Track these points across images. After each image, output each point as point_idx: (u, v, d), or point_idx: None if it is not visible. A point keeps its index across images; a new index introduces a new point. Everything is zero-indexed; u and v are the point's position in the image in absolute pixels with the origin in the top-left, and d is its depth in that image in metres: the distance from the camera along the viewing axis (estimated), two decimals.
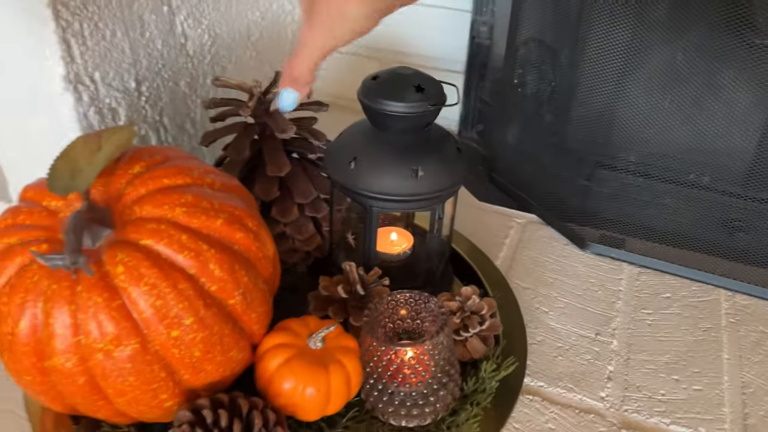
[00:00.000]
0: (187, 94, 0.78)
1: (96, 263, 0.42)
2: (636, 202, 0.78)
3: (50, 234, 0.44)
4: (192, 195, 0.45)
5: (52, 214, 0.45)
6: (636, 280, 0.72)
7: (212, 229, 0.45)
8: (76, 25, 0.60)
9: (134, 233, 0.43)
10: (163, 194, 0.44)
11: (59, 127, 0.64)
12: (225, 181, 0.49)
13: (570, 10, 0.73)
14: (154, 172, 0.46)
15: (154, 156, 0.48)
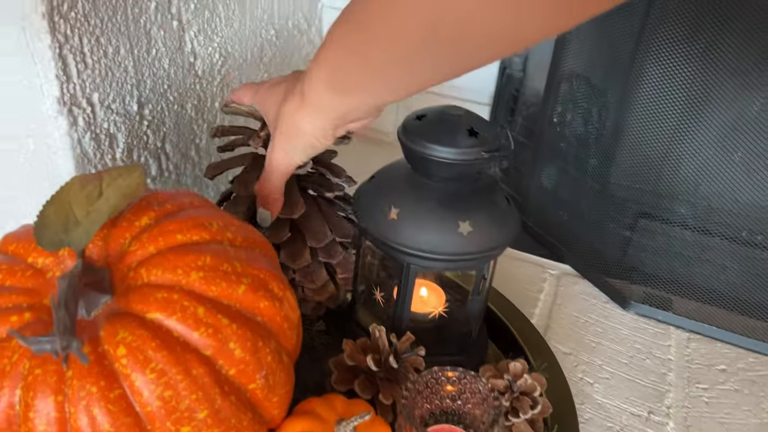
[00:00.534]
0: (193, 118, 0.70)
1: (91, 341, 0.33)
2: (683, 258, 0.71)
3: (35, 299, 0.36)
4: (211, 255, 0.37)
5: (38, 274, 0.37)
6: (686, 347, 0.65)
7: (234, 299, 0.37)
8: (75, 40, 0.52)
9: (140, 303, 0.35)
10: (177, 254, 0.36)
11: (49, 153, 0.56)
12: (247, 235, 0.41)
13: (622, 47, 0.66)
14: (165, 225, 0.38)
15: (165, 204, 0.40)
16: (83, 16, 0.53)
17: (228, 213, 0.43)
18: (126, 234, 0.37)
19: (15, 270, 0.36)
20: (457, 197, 0.49)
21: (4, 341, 0.34)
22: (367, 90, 0.38)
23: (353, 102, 0.40)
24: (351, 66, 0.36)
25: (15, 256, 0.37)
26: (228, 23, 0.72)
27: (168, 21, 0.62)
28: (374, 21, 0.32)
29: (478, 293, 0.54)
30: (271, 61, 0.83)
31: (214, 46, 0.71)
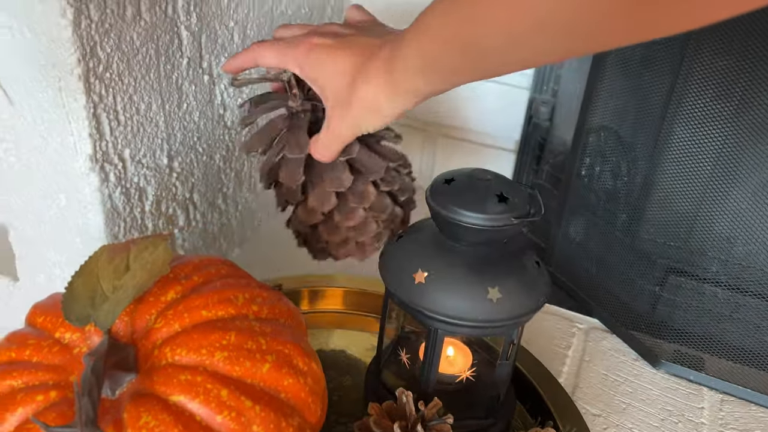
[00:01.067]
0: (221, 168, 0.71)
1: (115, 424, 0.33)
2: (714, 316, 0.69)
3: (62, 377, 0.36)
4: (236, 333, 0.37)
5: (65, 350, 0.37)
6: (720, 410, 0.63)
7: (257, 378, 0.36)
8: (109, 99, 0.53)
9: (163, 385, 0.34)
10: (201, 333, 0.36)
11: (79, 208, 0.57)
12: (273, 306, 0.41)
13: (652, 102, 0.66)
14: (191, 301, 0.38)
15: (192, 276, 0.40)
16: (117, 76, 0.54)
17: (254, 281, 0.43)
18: (152, 310, 0.37)
19: (42, 345, 0.37)
20: (486, 262, 0.48)
21: (29, 423, 0.34)
22: (465, 77, 0.38)
23: (445, 87, 0.40)
24: (452, 57, 0.36)
25: (43, 329, 0.38)
26: (257, 72, 0.72)
27: (199, 76, 0.63)
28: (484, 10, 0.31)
29: (507, 358, 0.53)
30: None
31: (244, 97, 0.71)
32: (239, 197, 0.76)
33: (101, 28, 0.51)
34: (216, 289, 0.39)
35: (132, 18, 0.53)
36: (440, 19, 0.35)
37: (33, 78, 0.52)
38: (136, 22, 0.54)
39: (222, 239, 0.75)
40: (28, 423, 0.34)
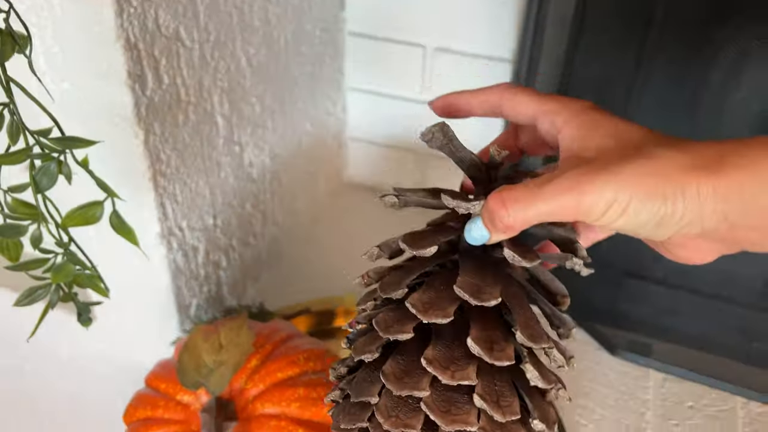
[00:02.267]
0: (251, 213, 0.86)
1: None
2: (661, 310, 0.86)
3: (186, 427, 0.52)
4: (303, 388, 0.53)
5: (185, 408, 0.53)
6: (662, 388, 0.81)
7: (321, 416, 0.52)
8: (170, 189, 0.67)
9: (258, 429, 0.50)
10: (280, 390, 0.52)
11: (150, 269, 0.72)
12: (321, 358, 0.57)
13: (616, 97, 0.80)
14: (268, 366, 0.53)
15: (265, 345, 0.55)
16: (175, 169, 0.67)
17: (306, 339, 0.58)
18: (242, 375, 0.53)
19: (169, 405, 0.52)
20: None
21: None
22: None
23: None
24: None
25: (166, 393, 0.53)
26: (274, 131, 0.86)
27: (232, 148, 0.77)
28: None
29: None
30: (308, 146, 0.97)
31: (265, 153, 0.85)
32: (266, 232, 0.91)
33: (162, 138, 0.64)
34: (283, 354, 0.55)
35: (183, 122, 0.67)
36: None
37: (112, 178, 0.65)
38: (186, 125, 0.67)
39: (254, 268, 0.90)
40: None
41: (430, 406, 0.33)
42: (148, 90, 0.61)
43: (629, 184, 0.29)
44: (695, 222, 0.29)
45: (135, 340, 0.81)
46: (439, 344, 0.34)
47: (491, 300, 0.34)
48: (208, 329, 0.54)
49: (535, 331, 0.35)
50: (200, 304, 0.79)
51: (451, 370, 0.33)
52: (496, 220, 0.32)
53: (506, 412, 0.33)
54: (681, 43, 0.69)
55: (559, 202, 0.30)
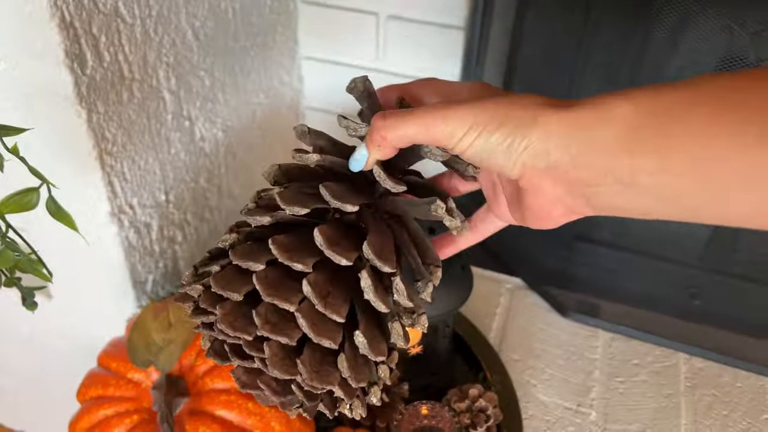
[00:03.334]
0: (206, 188, 0.86)
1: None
2: (608, 271, 0.89)
3: (137, 404, 0.53)
4: None
5: (136, 385, 0.54)
6: (609, 347, 0.84)
7: None
8: (118, 167, 0.67)
9: (210, 405, 0.52)
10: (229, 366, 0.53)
11: (102, 248, 0.72)
12: None
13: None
14: None
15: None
16: (122, 147, 0.67)
17: None
18: (192, 352, 0.54)
19: (120, 384, 0.53)
20: None
21: None
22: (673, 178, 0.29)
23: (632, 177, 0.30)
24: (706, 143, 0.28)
25: (117, 372, 0.54)
26: (226, 104, 0.86)
27: (181, 123, 0.77)
28: None
29: (444, 336, 0.71)
30: (263, 118, 0.97)
31: (217, 126, 0.85)
32: (222, 205, 0.91)
33: (107, 116, 0.64)
34: None
35: (128, 99, 0.66)
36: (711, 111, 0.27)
37: (56, 158, 0.65)
38: (131, 102, 0.67)
39: (212, 242, 0.91)
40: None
41: (260, 278, 0.35)
42: (88, 69, 0.60)
43: (488, 111, 0.32)
44: (541, 154, 0.31)
45: (93, 318, 0.82)
46: (292, 235, 0.36)
47: (348, 205, 0.36)
48: (158, 307, 0.55)
49: (383, 253, 0.36)
50: (156, 279, 0.79)
51: (290, 252, 0.35)
52: (374, 132, 0.35)
53: (328, 307, 0.34)
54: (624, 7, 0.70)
55: (427, 121, 0.33)
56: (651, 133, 0.29)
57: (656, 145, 0.29)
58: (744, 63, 0.66)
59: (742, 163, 0.27)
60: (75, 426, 0.53)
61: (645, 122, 0.29)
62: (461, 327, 0.82)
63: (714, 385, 0.79)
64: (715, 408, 0.77)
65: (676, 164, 0.28)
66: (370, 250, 0.35)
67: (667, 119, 0.28)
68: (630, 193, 0.30)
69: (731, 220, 0.30)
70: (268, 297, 0.34)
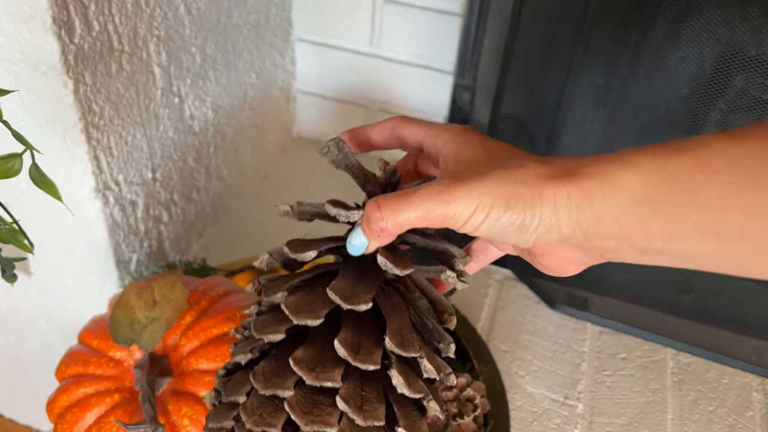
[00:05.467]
0: (194, 167, 0.84)
1: (164, 413, 0.49)
2: (599, 265, 0.88)
3: (119, 383, 0.51)
4: None
5: (118, 364, 0.52)
6: (597, 340, 0.84)
7: None
8: (105, 141, 0.65)
9: (193, 385, 0.50)
10: (214, 346, 0.52)
11: (86, 223, 0.70)
12: None
13: (549, 93, 0.80)
14: (203, 322, 0.53)
15: (200, 301, 0.55)
16: (109, 121, 0.65)
17: (244, 294, 0.58)
18: (177, 331, 0.53)
19: (101, 362, 0.52)
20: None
21: (104, 416, 0.50)
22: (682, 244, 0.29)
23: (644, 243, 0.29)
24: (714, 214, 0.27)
25: (99, 350, 0.53)
26: (217, 83, 0.84)
27: (171, 99, 0.75)
28: None
29: None
30: (253, 99, 0.95)
31: (207, 105, 0.83)
32: (210, 187, 0.89)
33: (94, 88, 0.62)
34: (219, 310, 0.54)
35: (117, 72, 0.64)
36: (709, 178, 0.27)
37: (41, 129, 0.63)
38: (119, 74, 0.65)
39: (198, 223, 0.89)
40: (103, 418, 0.49)
41: (293, 406, 0.33)
42: (77, 37, 0.58)
43: (491, 190, 0.30)
44: (553, 228, 0.30)
45: (74, 296, 0.80)
46: (310, 347, 0.35)
47: (362, 304, 0.34)
48: (142, 285, 0.53)
49: (405, 339, 0.35)
50: (141, 259, 0.77)
51: (316, 371, 0.33)
52: (372, 223, 0.33)
53: (367, 417, 0.33)
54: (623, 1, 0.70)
55: (427, 207, 0.31)
56: (660, 204, 0.28)
57: (667, 215, 0.28)
58: (744, 57, 0.65)
59: (755, 231, 0.27)
60: (53, 404, 0.52)
61: (653, 193, 0.28)
62: None
63: (700, 381, 0.79)
64: (701, 404, 0.77)
65: (688, 232, 0.28)
66: (393, 343, 0.34)
67: (676, 189, 0.28)
68: (648, 256, 0.30)
69: (753, 275, 0.30)
70: (308, 426, 0.33)
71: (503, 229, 0.31)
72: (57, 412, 0.51)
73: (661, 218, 0.28)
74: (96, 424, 0.49)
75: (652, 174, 0.28)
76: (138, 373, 0.49)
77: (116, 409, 0.49)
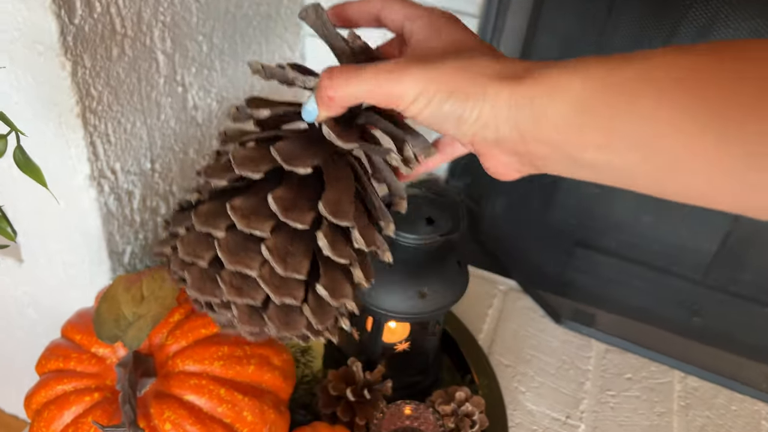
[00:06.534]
0: (194, 159, 0.81)
1: (145, 417, 0.47)
2: (608, 280, 0.85)
3: (100, 381, 0.49)
4: (227, 346, 0.50)
5: (100, 361, 0.49)
6: (603, 358, 0.81)
7: (245, 376, 0.50)
8: (102, 127, 0.63)
9: (178, 388, 0.48)
10: (202, 347, 0.49)
11: (79, 213, 0.67)
12: None
13: None
14: (192, 322, 0.50)
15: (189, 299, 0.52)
16: (108, 107, 0.63)
17: None
18: (163, 330, 0.50)
19: (83, 358, 0.49)
20: (418, 268, 0.62)
21: (82, 416, 0.47)
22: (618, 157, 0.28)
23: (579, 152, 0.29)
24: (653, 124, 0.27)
25: (81, 345, 0.50)
26: (223, 74, 0.81)
27: (174, 88, 0.72)
28: None
29: (433, 334, 0.68)
30: (260, 93, 0.92)
31: (212, 96, 0.80)
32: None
33: (93, 71, 0.59)
34: None
35: (118, 56, 0.62)
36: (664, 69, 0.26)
37: (36, 112, 0.61)
38: (121, 59, 0.62)
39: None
40: (81, 418, 0.47)
41: (221, 246, 0.36)
42: (77, 18, 0.56)
43: (438, 78, 0.31)
44: (491, 125, 0.30)
45: (64, 286, 0.77)
46: (250, 198, 0.37)
47: (300, 167, 0.36)
48: (131, 279, 0.51)
49: (340, 208, 0.36)
50: (135, 251, 0.75)
51: (249, 219, 0.36)
52: (321, 91, 0.34)
53: (288, 268, 0.36)
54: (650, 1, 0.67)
55: (376, 82, 0.32)
56: (598, 111, 0.28)
57: (603, 123, 0.28)
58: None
59: (682, 149, 0.27)
60: (30, 399, 0.49)
61: (592, 100, 0.28)
62: (450, 326, 0.78)
63: (708, 407, 0.76)
64: (708, 430, 0.74)
65: (620, 142, 0.28)
66: (326, 209, 0.36)
67: (614, 98, 0.28)
68: (577, 165, 0.30)
69: (667, 195, 0.30)
70: (231, 264, 0.36)
71: (444, 117, 0.31)
72: (34, 408, 0.49)
73: (597, 126, 0.28)
74: (73, 423, 0.46)
75: (595, 82, 0.28)
76: (120, 372, 0.46)
77: (95, 409, 0.47)
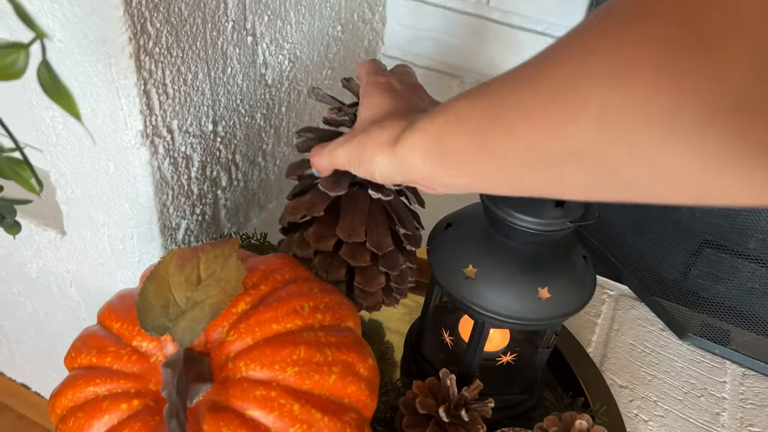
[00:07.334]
0: (262, 126, 0.70)
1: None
2: (745, 289, 0.70)
3: (141, 385, 0.38)
4: (305, 348, 0.38)
5: (143, 358, 0.38)
6: (741, 385, 0.66)
7: (325, 389, 0.38)
8: (158, 74, 0.52)
9: (240, 399, 0.36)
10: (273, 348, 0.38)
11: (129, 178, 0.57)
12: (334, 309, 0.43)
13: None
14: (261, 314, 0.39)
15: (259, 285, 0.41)
16: (166, 50, 0.52)
17: (315, 282, 0.44)
18: (224, 321, 0.39)
19: (121, 354, 0.38)
20: (537, 261, 0.49)
21: (117, 429, 0.36)
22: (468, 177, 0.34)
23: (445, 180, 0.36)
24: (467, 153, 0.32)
25: (120, 336, 0.39)
26: (298, 28, 0.70)
27: (243, 38, 0.61)
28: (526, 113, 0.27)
29: (548, 346, 0.55)
30: (335, 56, 0.81)
31: (284, 53, 0.69)
32: (278, 152, 0.76)
33: (151, 3, 0.49)
34: (283, 299, 0.40)
35: None
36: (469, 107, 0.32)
37: (83, 52, 0.51)
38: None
39: (261, 193, 0.76)
40: (114, 431, 0.36)
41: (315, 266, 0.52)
42: None
43: (350, 151, 0.41)
44: (388, 177, 0.39)
45: (110, 264, 0.67)
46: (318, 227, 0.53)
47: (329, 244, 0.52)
48: (187, 255, 0.40)
49: (352, 231, 0.51)
50: (191, 227, 0.65)
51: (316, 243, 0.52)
52: (311, 161, 0.47)
53: (331, 275, 0.52)
54: None
55: (328, 158, 0.44)
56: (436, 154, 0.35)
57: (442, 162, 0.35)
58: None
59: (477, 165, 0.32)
60: (56, 400, 0.39)
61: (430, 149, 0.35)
62: None
63: None
64: None
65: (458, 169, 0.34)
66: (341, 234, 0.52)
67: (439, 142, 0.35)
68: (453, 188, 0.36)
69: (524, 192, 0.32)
70: None
71: (363, 176, 0.41)
72: (59, 412, 0.38)
73: (439, 164, 0.35)
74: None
75: (427, 134, 0.35)
76: (167, 375, 0.35)
77: (133, 421, 0.36)
